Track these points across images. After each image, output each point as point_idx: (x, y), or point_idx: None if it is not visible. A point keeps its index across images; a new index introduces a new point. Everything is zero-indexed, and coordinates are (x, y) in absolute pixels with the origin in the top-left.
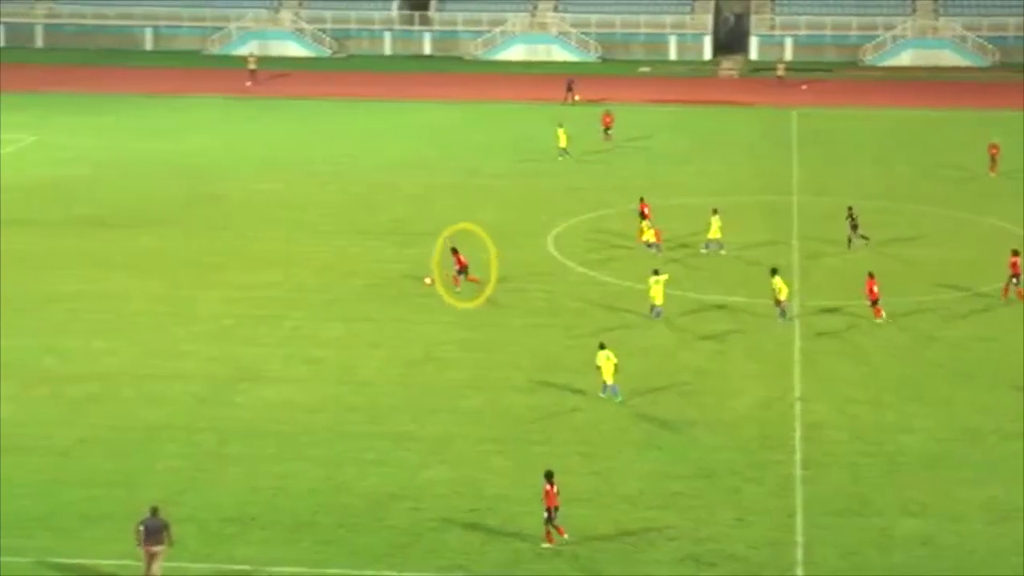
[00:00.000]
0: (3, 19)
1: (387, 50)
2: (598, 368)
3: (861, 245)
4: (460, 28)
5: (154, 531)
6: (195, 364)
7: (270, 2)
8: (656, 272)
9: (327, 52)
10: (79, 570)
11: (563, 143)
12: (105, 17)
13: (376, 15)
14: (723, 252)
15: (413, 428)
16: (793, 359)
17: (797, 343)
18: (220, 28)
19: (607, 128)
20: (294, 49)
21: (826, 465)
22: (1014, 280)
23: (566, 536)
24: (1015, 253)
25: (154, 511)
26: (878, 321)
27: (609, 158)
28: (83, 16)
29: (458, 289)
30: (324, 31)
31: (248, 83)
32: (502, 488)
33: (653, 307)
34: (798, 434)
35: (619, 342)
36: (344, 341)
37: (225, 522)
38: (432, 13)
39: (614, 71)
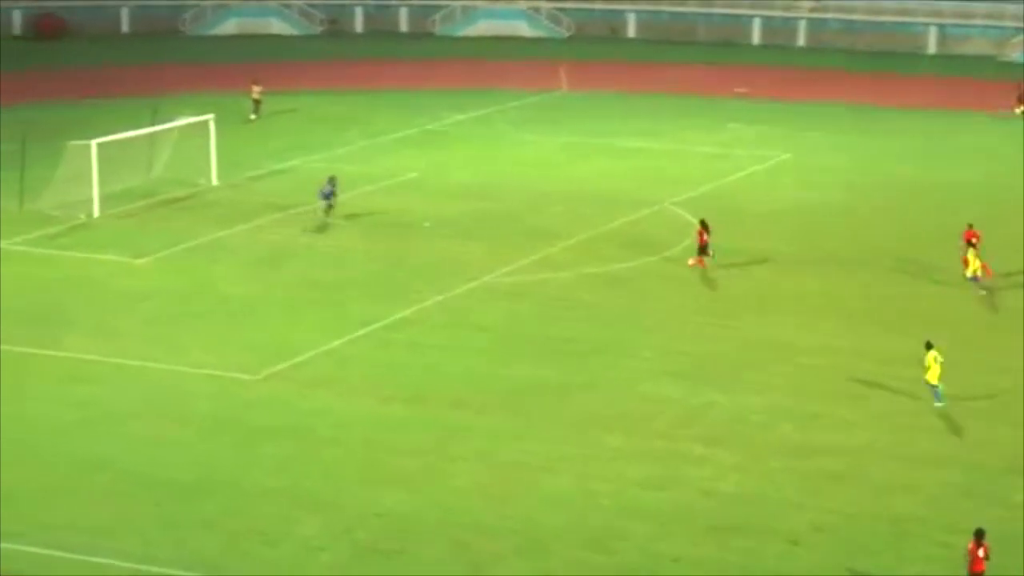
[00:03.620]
0: (761, 12)
1: None
2: (926, 369)
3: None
4: None
5: None
6: (955, 448)
7: None
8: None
9: None
10: None
11: None
12: (879, 12)
13: None
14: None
15: None
16: None
17: None
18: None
19: None
20: None
21: None
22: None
23: None
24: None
25: None
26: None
27: None
28: (852, 11)
29: (701, 267)
30: None
31: None
32: None
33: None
34: None
35: None
36: None
37: None
38: None
39: None
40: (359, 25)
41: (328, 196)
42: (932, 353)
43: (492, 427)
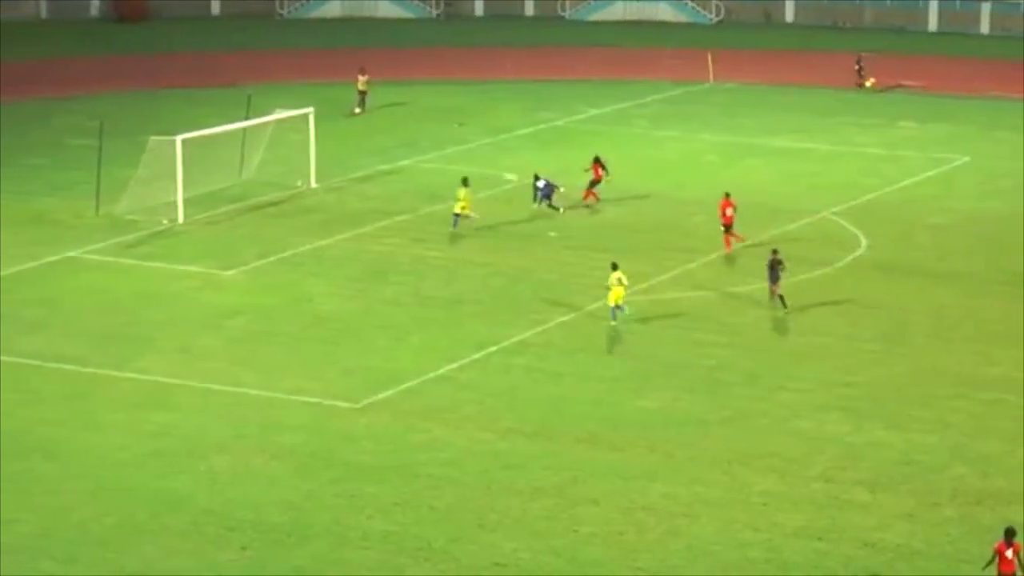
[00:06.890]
0: None
1: None
2: (607, 288)
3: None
4: None
5: None
6: None
7: None
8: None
9: None
10: None
11: None
12: None
13: None
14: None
15: None
16: None
17: None
18: None
19: None
20: None
21: None
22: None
23: None
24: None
25: None
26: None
27: None
28: None
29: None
30: None
31: None
32: None
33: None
34: None
35: None
36: None
37: None
38: None
39: None
40: (479, 8)
41: (545, 194)
42: (616, 274)
43: (625, 466)
